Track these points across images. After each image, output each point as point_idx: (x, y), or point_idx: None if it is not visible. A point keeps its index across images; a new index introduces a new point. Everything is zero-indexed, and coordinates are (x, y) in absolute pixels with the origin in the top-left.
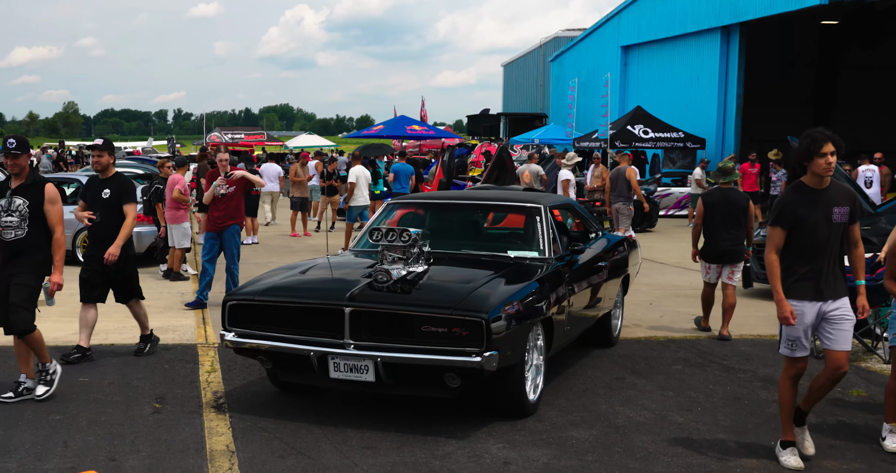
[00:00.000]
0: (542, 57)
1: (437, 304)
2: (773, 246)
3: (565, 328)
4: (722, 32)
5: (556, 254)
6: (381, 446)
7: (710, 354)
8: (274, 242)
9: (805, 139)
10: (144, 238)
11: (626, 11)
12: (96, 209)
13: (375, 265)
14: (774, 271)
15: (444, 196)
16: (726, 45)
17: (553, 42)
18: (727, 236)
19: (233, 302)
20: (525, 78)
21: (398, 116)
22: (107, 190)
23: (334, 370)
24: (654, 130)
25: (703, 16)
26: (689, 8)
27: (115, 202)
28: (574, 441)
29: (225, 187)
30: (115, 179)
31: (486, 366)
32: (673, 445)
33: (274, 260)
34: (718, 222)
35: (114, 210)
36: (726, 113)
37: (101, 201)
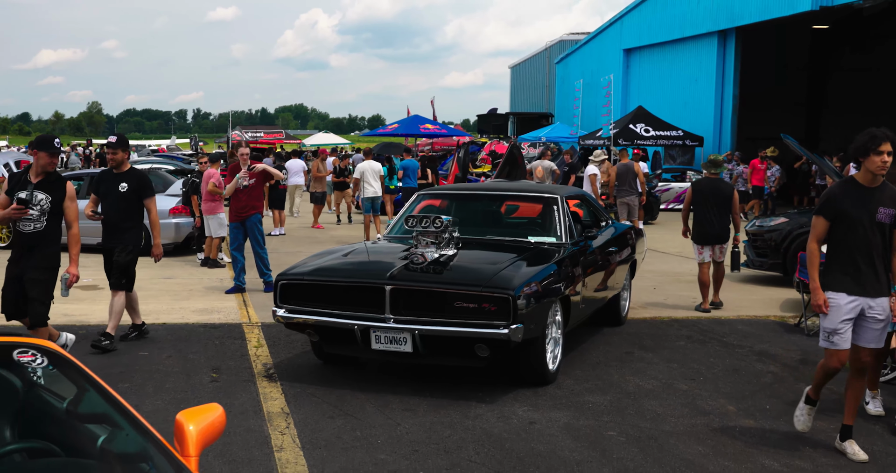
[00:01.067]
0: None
1: (469, 282)
2: (815, 236)
3: (580, 305)
4: (719, 36)
5: (572, 240)
6: (419, 408)
7: (710, 332)
8: (299, 233)
9: (864, 136)
10: (182, 229)
11: (629, 16)
12: (110, 202)
13: (411, 249)
14: (814, 260)
15: (469, 188)
16: (723, 48)
17: (558, 45)
18: (715, 220)
19: (284, 282)
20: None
21: (412, 116)
22: (124, 184)
23: (376, 341)
24: (655, 129)
25: (700, 21)
26: (687, 13)
27: (133, 196)
28: (590, 405)
29: (247, 179)
30: (132, 173)
31: (512, 337)
32: (678, 408)
33: (302, 250)
34: (707, 208)
35: (129, 203)
36: (723, 113)
37: (116, 193)
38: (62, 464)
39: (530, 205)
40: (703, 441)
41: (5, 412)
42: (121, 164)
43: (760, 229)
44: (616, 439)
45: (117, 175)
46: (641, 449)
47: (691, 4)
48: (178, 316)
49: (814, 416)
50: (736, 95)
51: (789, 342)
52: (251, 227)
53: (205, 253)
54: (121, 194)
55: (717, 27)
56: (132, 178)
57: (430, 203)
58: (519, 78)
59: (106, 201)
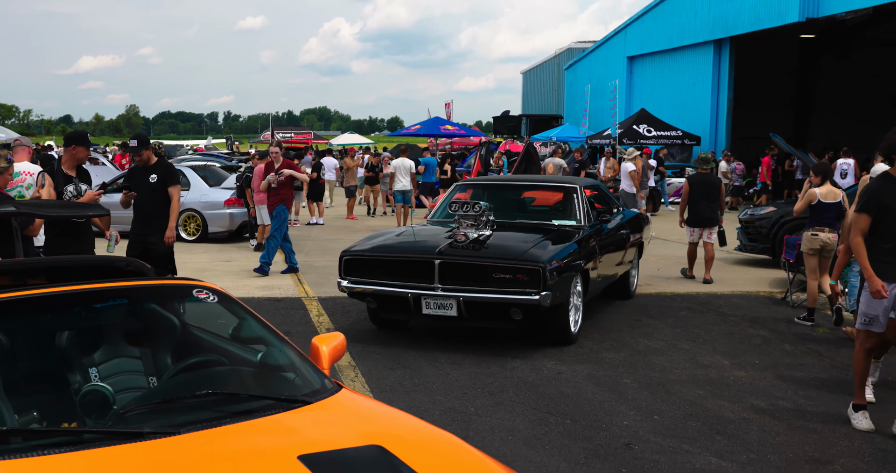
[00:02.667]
0: (556, 65)
1: (505, 256)
2: (859, 230)
3: (597, 279)
4: (714, 45)
5: (589, 223)
6: (464, 362)
7: (707, 304)
8: (336, 223)
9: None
10: (236, 218)
11: (632, 26)
12: (142, 193)
13: (453, 230)
14: (862, 252)
15: (500, 179)
16: (718, 56)
17: (567, 52)
18: (706, 207)
19: (347, 257)
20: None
21: (433, 117)
22: (153, 175)
23: (426, 307)
24: (657, 129)
25: (698, 31)
26: (686, 24)
27: (161, 186)
28: (607, 360)
29: (276, 182)
30: (159, 164)
31: (542, 302)
32: (681, 363)
33: (341, 237)
34: (699, 197)
35: (159, 193)
36: (718, 114)
37: (147, 184)
38: (233, 371)
39: (553, 193)
40: (702, 386)
41: (188, 334)
42: (147, 161)
43: (752, 218)
44: (630, 385)
45: (145, 168)
46: (651, 393)
47: (689, 16)
48: (243, 292)
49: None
50: (730, 98)
51: (776, 312)
52: (277, 215)
53: (257, 239)
54: (151, 185)
55: (713, 37)
56: (160, 169)
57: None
58: (530, 82)
59: (138, 192)
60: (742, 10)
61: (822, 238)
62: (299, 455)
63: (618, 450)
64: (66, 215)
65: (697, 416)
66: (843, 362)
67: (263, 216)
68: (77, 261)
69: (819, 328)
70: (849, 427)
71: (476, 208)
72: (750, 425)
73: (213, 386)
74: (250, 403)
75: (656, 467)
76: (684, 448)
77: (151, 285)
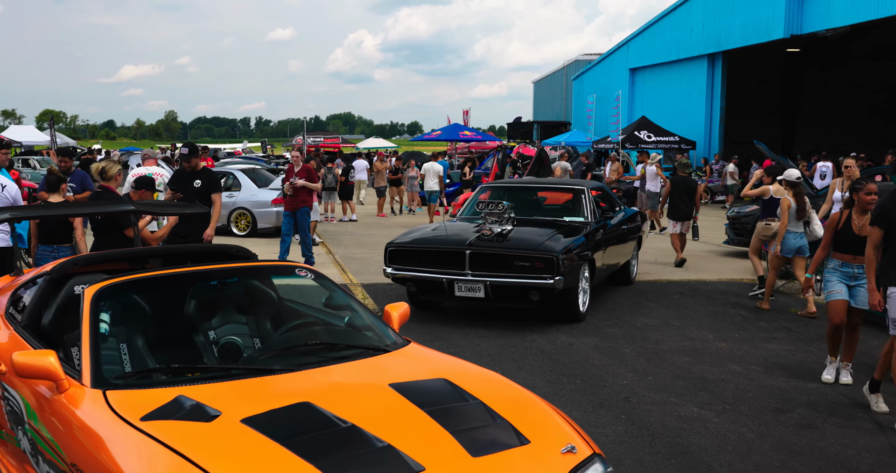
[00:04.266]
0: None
1: (525, 247)
2: (872, 243)
3: (601, 267)
4: (708, 59)
5: (595, 219)
6: (491, 335)
7: (697, 289)
8: (368, 220)
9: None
10: (281, 216)
11: (633, 41)
12: (187, 195)
13: (480, 225)
14: (871, 265)
15: (518, 182)
16: (711, 68)
17: (574, 64)
18: (683, 205)
19: (392, 248)
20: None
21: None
22: (198, 181)
23: (458, 290)
24: (656, 135)
25: (693, 45)
26: (682, 39)
27: (205, 190)
28: (610, 334)
29: (291, 190)
30: (204, 172)
31: (556, 286)
32: (672, 336)
33: (373, 232)
34: (679, 196)
35: (203, 197)
36: (712, 121)
37: (191, 188)
38: (328, 329)
39: (564, 194)
40: (689, 355)
41: (283, 305)
42: (195, 166)
43: (738, 215)
44: (629, 353)
45: (190, 173)
46: (647, 359)
47: (686, 32)
48: None
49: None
50: (722, 106)
51: (755, 297)
52: (300, 217)
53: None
54: (196, 189)
55: (707, 51)
56: (205, 175)
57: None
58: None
59: (183, 194)
60: (733, 27)
61: (773, 227)
62: (389, 383)
63: (618, 402)
64: (173, 213)
65: (684, 377)
66: (808, 336)
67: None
68: (197, 248)
69: (792, 308)
70: (807, 386)
71: (499, 207)
72: (726, 384)
73: (315, 340)
74: (346, 351)
75: (649, 414)
76: (672, 401)
77: (259, 265)
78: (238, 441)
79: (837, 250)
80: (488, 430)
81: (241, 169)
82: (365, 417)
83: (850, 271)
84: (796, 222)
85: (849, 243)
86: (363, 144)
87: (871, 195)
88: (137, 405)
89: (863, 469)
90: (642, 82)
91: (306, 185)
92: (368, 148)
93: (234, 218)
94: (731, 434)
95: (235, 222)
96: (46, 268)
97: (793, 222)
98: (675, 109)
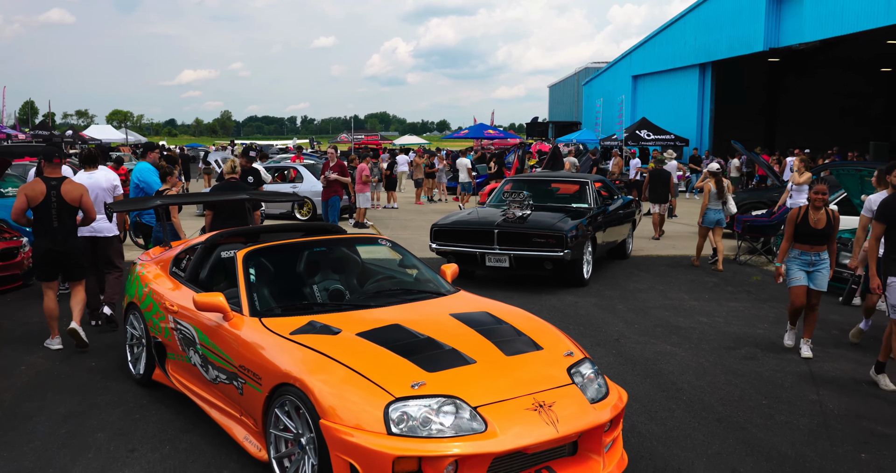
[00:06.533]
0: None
1: (541, 227)
2: (875, 236)
3: (602, 243)
4: (699, 68)
5: (596, 205)
6: (514, 296)
7: (679, 262)
8: (407, 207)
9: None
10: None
11: (635, 52)
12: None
13: (505, 210)
14: (873, 255)
15: (535, 176)
16: (702, 76)
17: (584, 71)
18: (660, 191)
19: (436, 229)
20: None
21: (478, 124)
22: (251, 177)
23: (488, 261)
24: (654, 134)
25: (686, 56)
26: (678, 51)
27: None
28: (608, 295)
29: (325, 182)
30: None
31: (566, 257)
32: (657, 297)
33: (413, 217)
34: (656, 184)
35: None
36: (702, 122)
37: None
38: (402, 280)
39: (572, 186)
40: (668, 310)
41: (365, 266)
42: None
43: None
44: (622, 309)
45: (245, 171)
46: (635, 313)
47: (680, 45)
48: None
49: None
50: (712, 109)
51: (727, 268)
52: (332, 204)
53: (355, 219)
54: (249, 184)
55: (698, 61)
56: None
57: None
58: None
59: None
60: (720, 41)
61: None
62: (449, 313)
63: (611, 342)
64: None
65: (662, 326)
66: (763, 297)
67: (360, 202)
68: (301, 226)
69: (754, 276)
70: (755, 332)
71: (520, 196)
72: (693, 330)
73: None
74: (417, 294)
75: (633, 350)
76: (651, 341)
77: (349, 237)
78: (356, 346)
79: (797, 241)
80: (516, 341)
81: (304, 164)
82: (435, 332)
83: (809, 258)
84: (716, 201)
85: (807, 236)
86: (399, 141)
87: (818, 194)
88: (284, 326)
89: (785, 384)
90: (643, 88)
91: (338, 178)
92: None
93: (298, 206)
94: (692, 363)
95: (298, 208)
96: (200, 239)
97: (713, 201)
98: (672, 111)
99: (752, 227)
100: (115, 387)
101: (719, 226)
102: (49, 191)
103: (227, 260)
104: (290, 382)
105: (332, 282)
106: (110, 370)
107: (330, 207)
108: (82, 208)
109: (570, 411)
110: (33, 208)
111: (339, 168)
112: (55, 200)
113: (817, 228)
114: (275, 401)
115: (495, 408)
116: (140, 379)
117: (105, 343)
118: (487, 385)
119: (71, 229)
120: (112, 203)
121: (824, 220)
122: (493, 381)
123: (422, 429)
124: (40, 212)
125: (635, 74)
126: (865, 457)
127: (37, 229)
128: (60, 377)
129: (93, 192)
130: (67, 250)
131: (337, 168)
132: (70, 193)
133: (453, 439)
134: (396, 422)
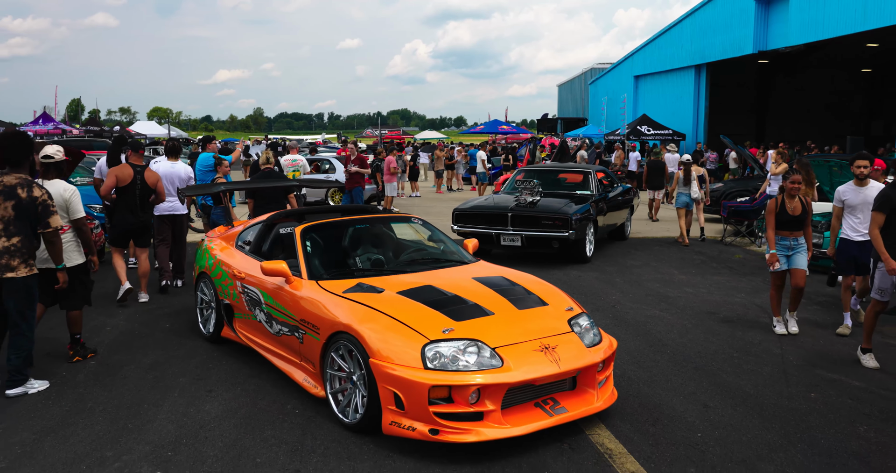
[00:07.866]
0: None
1: (549, 211)
2: (876, 225)
3: (603, 226)
4: (695, 69)
5: (598, 192)
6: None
7: (672, 244)
8: (429, 196)
9: None
10: (368, 191)
11: (637, 54)
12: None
13: (517, 196)
14: (880, 241)
15: (545, 167)
16: (698, 76)
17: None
18: (656, 180)
19: (457, 212)
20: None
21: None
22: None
23: (503, 241)
24: (654, 129)
25: (683, 58)
26: (675, 53)
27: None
28: (607, 270)
29: (347, 174)
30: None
31: (570, 237)
32: (649, 271)
33: (434, 204)
34: (653, 172)
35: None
36: (698, 118)
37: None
38: (431, 253)
39: (577, 175)
40: (659, 282)
41: (399, 241)
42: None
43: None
44: (619, 282)
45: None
46: (630, 285)
47: (677, 48)
48: None
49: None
50: (706, 106)
51: (713, 248)
52: (356, 194)
53: (383, 206)
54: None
55: (694, 62)
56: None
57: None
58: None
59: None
60: (714, 44)
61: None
62: (472, 277)
63: (608, 308)
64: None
65: (653, 295)
66: (743, 272)
67: (388, 191)
68: (340, 207)
69: (736, 254)
70: (733, 299)
71: (531, 184)
72: (680, 299)
73: (428, 257)
74: (445, 263)
75: (627, 315)
76: (643, 308)
77: (386, 216)
78: (398, 302)
79: (778, 228)
80: (526, 299)
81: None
82: (461, 291)
83: (788, 243)
84: (684, 186)
85: (785, 223)
86: (420, 136)
87: (794, 184)
88: (337, 286)
89: (754, 341)
90: (644, 87)
91: (359, 170)
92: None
93: (331, 194)
94: (676, 325)
95: (331, 197)
96: (262, 218)
97: (681, 186)
98: (670, 108)
99: (736, 211)
100: (188, 343)
101: (688, 208)
102: (135, 175)
103: (285, 235)
104: (344, 330)
105: (373, 253)
106: (183, 330)
107: (353, 196)
108: (156, 191)
109: (570, 353)
110: (120, 187)
111: (359, 161)
112: (140, 183)
113: (794, 215)
114: (331, 347)
115: (510, 349)
116: (210, 337)
117: (175, 309)
118: (503, 332)
119: (145, 207)
120: (184, 188)
121: (800, 207)
122: (508, 329)
123: (451, 365)
124: (126, 191)
125: (637, 75)
126: (815, 396)
127: (120, 204)
128: (141, 336)
129: (173, 179)
130: (144, 222)
131: (357, 161)
132: (150, 178)
133: (476, 372)
134: (431, 359)
